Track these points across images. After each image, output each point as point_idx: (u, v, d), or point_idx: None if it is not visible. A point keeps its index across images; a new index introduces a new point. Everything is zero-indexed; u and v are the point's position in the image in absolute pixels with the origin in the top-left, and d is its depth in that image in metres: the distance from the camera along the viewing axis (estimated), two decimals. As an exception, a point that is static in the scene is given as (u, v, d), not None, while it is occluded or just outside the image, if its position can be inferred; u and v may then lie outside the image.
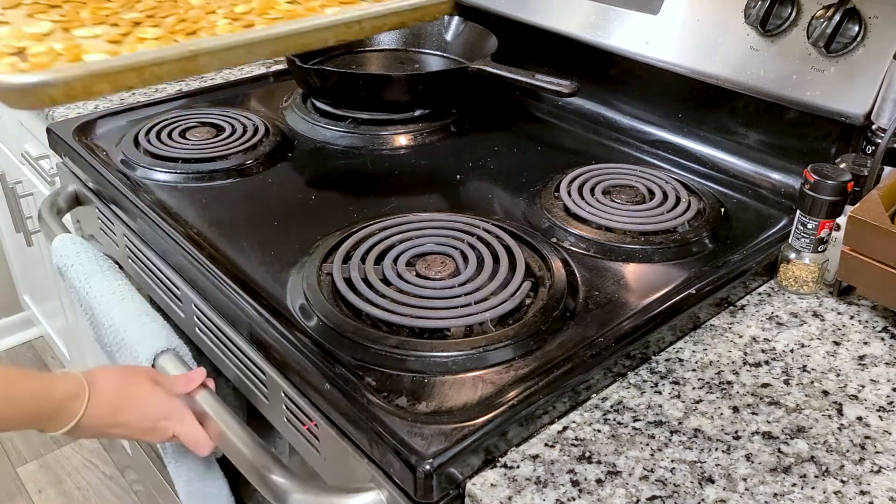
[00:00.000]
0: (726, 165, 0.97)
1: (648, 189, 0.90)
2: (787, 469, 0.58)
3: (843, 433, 0.61)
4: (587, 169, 0.93)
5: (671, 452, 0.59)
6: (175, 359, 0.79)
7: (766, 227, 0.85)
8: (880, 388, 0.66)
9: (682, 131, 1.02)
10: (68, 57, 0.45)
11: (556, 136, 1.08)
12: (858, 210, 0.71)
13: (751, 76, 0.91)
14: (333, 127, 1.06)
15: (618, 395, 0.65)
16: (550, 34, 1.11)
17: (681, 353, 0.70)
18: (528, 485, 0.56)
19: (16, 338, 2.15)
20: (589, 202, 0.86)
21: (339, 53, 1.25)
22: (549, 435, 0.61)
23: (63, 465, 1.81)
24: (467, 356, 0.64)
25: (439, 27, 1.25)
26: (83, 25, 0.51)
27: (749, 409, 0.64)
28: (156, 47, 0.47)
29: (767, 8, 0.87)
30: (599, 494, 0.56)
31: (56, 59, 0.45)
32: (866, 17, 0.82)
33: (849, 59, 0.83)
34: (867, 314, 0.75)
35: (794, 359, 0.69)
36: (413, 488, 0.56)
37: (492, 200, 0.90)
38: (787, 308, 0.76)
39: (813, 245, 0.76)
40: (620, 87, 1.08)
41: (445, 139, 1.05)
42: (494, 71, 1.06)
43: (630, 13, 1.02)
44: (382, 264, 0.75)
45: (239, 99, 1.18)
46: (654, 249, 0.79)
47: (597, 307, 0.71)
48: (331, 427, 0.63)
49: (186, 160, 0.96)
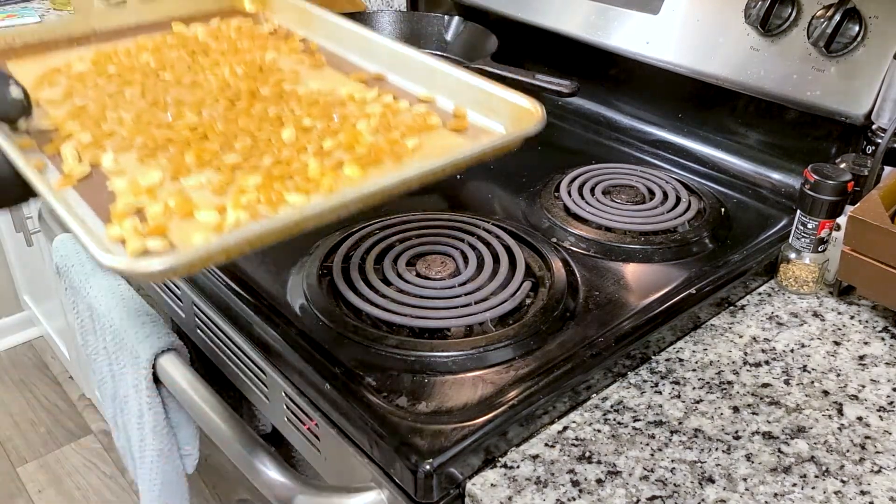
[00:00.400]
0: (726, 165, 0.97)
1: (648, 189, 0.90)
2: (787, 469, 0.58)
3: (844, 433, 0.61)
4: (587, 169, 0.93)
5: (671, 452, 0.59)
6: (175, 359, 0.79)
7: (766, 227, 0.85)
8: (880, 388, 0.66)
9: (682, 131, 1.02)
10: (181, 214, 0.48)
11: (556, 136, 1.08)
12: (858, 210, 0.71)
13: (751, 76, 0.91)
14: (333, 127, 1.06)
15: (618, 395, 0.65)
16: (550, 34, 1.11)
17: (681, 353, 0.70)
18: (528, 485, 0.56)
19: (16, 338, 2.15)
20: (589, 202, 0.86)
21: (339, 53, 1.25)
22: (549, 435, 0.61)
23: (63, 465, 1.81)
24: (467, 356, 0.64)
25: (439, 27, 1.25)
26: (189, 172, 0.53)
27: (749, 409, 0.64)
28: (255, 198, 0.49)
29: (767, 8, 0.87)
30: (599, 494, 0.56)
31: (171, 217, 0.48)
32: (866, 17, 0.82)
33: (849, 59, 0.83)
34: (867, 314, 0.75)
35: (794, 359, 0.69)
36: (413, 488, 0.56)
37: (492, 200, 0.90)
38: (788, 308, 0.76)
39: (813, 245, 0.76)
40: (620, 87, 1.08)
41: (445, 139, 1.05)
42: (494, 71, 1.06)
43: (630, 13, 1.02)
44: (382, 264, 0.75)
45: (239, 99, 1.18)
46: (654, 249, 0.79)
47: (597, 307, 0.71)
48: (331, 427, 0.63)
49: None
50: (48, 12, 1.68)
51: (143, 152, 0.54)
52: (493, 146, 0.56)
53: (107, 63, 0.68)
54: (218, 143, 0.55)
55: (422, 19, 1.26)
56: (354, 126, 0.58)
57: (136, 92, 0.63)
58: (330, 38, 0.73)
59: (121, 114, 0.59)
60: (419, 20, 1.26)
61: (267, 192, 0.49)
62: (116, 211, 0.48)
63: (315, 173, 0.52)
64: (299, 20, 0.76)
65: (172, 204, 0.48)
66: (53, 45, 0.71)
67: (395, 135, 0.58)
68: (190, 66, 0.67)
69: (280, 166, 0.52)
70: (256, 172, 0.52)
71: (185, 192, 0.50)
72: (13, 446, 1.86)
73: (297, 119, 0.59)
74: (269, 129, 0.57)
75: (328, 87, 0.64)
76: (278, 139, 0.55)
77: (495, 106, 0.61)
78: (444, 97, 0.65)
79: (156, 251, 0.45)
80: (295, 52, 0.71)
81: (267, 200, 0.49)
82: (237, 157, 0.53)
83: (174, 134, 0.56)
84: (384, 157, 0.55)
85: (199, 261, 0.42)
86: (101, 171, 0.53)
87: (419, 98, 0.65)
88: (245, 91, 0.62)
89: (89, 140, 0.56)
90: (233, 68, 0.65)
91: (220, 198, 0.50)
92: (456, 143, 0.58)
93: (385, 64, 0.69)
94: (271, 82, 0.64)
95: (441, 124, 0.61)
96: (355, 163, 0.53)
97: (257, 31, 0.74)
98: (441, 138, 0.59)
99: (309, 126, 0.58)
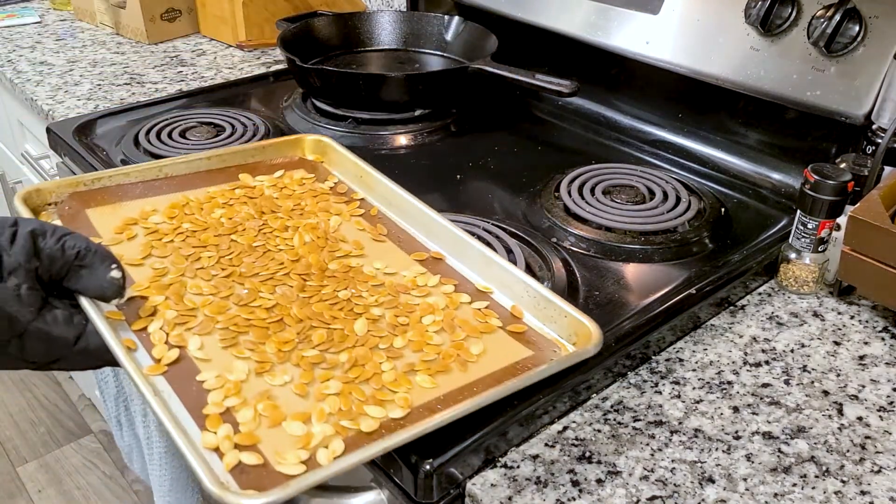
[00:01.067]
0: (726, 165, 0.97)
1: (648, 189, 0.90)
2: (787, 469, 0.58)
3: (844, 433, 0.61)
4: (587, 169, 0.93)
5: (671, 452, 0.59)
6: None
7: (766, 227, 0.85)
8: (880, 388, 0.66)
9: (682, 131, 1.02)
10: (270, 422, 0.53)
11: (556, 136, 1.08)
12: (859, 210, 0.71)
13: (751, 76, 0.91)
14: (333, 127, 1.06)
15: (618, 394, 0.65)
16: (550, 34, 1.11)
17: (681, 353, 0.70)
18: (528, 485, 0.56)
19: (16, 338, 2.15)
20: (589, 202, 0.86)
21: (339, 53, 1.25)
22: (549, 435, 0.61)
23: (63, 465, 1.81)
24: (467, 356, 0.64)
25: (439, 27, 1.25)
26: (272, 367, 0.58)
27: (749, 409, 0.64)
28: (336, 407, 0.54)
29: (768, 8, 0.87)
30: (599, 494, 0.56)
31: (259, 425, 0.53)
32: (866, 17, 0.82)
33: (849, 59, 0.83)
34: (867, 314, 0.75)
35: (794, 359, 0.69)
36: (413, 488, 0.56)
37: (492, 200, 0.90)
38: (788, 308, 0.76)
39: (813, 245, 0.76)
40: (620, 87, 1.08)
41: (445, 139, 1.05)
42: (494, 71, 1.06)
43: (630, 13, 1.02)
44: (383, 265, 0.75)
45: (239, 99, 1.18)
46: (654, 249, 0.79)
47: (597, 307, 0.71)
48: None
49: (186, 160, 0.96)
50: (48, 12, 1.68)
51: (225, 337, 0.59)
52: (559, 367, 0.59)
53: (181, 218, 0.72)
54: (295, 329, 0.61)
55: (422, 19, 1.26)
56: (420, 321, 0.63)
57: (212, 256, 0.67)
58: (387, 204, 0.79)
59: (200, 285, 0.64)
60: (419, 20, 1.26)
61: (347, 402, 0.54)
62: (210, 416, 0.53)
63: (390, 381, 0.57)
64: (354, 174, 0.82)
65: (262, 409, 0.54)
66: (126, 191, 0.77)
67: (459, 335, 0.62)
68: (260, 228, 0.72)
69: (356, 369, 0.57)
70: (333, 370, 0.58)
71: (272, 394, 0.55)
72: (13, 446, 1.86)
73: (366, 307, 0.64)
74: (342, 316, 0.63)
75: (390, 265, 0.70)
76: (351, 330, 0.61)
77: (552, 313, 0.64)
78: (500, 291, 0.68)
79: (250, 467, 0.50)
80: (355, 215, 0.77)
81: (348, 412, 0.54)
82: (315, 352, 0.59)
83: (252, 316, 0.61)
84: (451, 362, 0.59)
85: (295, 492, 0.48)
86: (187, 354, 0.58)
87: (478, 288, 0.69)
88: (315, 267, 0.67)
89: (174, 316, 0.60)
90: (302, 237, 0.71)
91: (302, 399, 0.55)
92: (517, 351, 0.62)
93: (444, 244, 0.73)
94: (338, 255, 0.70)
95: (500, 324, 0.64)
96: (425, 371, 0.58)
97: (319, 187, 0.81)
98: (502, 344, 0.63)
99: (378, 316, 0.63)
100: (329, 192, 0.80)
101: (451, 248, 0.72)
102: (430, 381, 0.57)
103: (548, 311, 0.64)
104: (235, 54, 1.41)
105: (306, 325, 0.61)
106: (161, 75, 1.31)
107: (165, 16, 1.47)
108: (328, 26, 1.25)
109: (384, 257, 0.72)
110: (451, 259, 0.72)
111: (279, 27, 1.21)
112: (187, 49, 1.44)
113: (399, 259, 0.72)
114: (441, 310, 0.65)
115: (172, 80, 1.29)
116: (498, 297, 0.68)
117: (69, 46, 1.46)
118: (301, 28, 1.21)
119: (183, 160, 0.80)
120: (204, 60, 1.38)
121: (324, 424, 0.52)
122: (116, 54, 1.41)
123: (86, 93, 1.23)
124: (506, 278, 0.68)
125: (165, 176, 0.79)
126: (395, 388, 0.56)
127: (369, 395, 0.55)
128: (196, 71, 1.33)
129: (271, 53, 1.42)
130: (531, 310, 0.65)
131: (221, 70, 1.33)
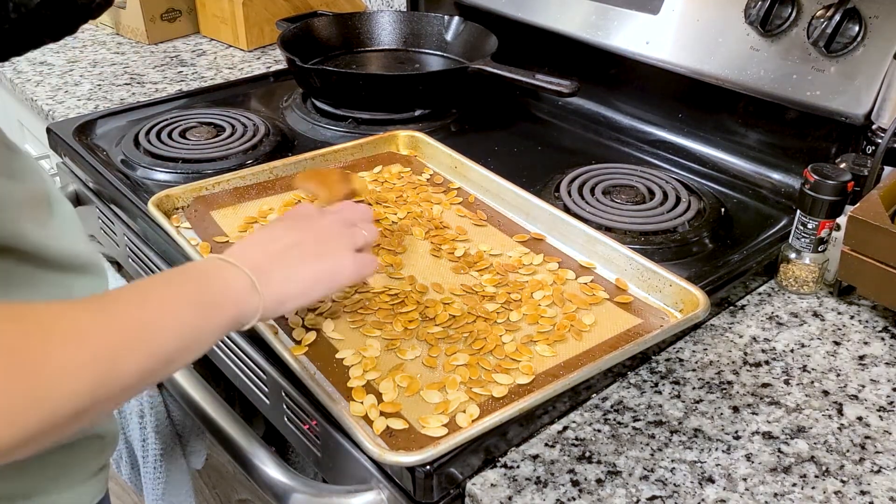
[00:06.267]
0: (726, 165, 0.97)
1: (648, 189, 0.90)
2: (787, 469, 0.58)
3: (844, 433, 0.61)
4: (587, 169, 0.93)
5: (671, 452, 0.59)
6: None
7: (766, 227, 0.85)
8: (880, 387, 0.66)
9: (682, 131, 1.02)
10: (408, 392, 0.58)
11: (556, 136, 1.08)
12: (858, 210, 0.71)
13: (751, 76, 0.91)
14: (334, 127, 1.06)
15: (618, 395, 0.65)
16: (550, 34, 1.11)
17: (681, 353, 0.70)
18: (528, 485, 0.56)
19: (16, 338, 2.15)
20: (589, 202, 0.86)
21: (339, 53, 1.25)
22: (549, 435, 0.61)
23: (63, 464, 1.81)
24: (467, 356, 0.64)
25: (439, 27, 1.25)
26: (401, 343, 0.62)
27: (749, 409, 0.64)
28: (465, 377, 0.59)
29: (767, 8, 0.87)
30: (599, 494, 0.56)
31: (399, 395, 0.57)
32: (866, 17, 0.82)
33: (849, 59, 0.83)
34: (867, 314, 0.75)
35: (794, 359, 0.69)
36: (413, 488, 0.56)
37: (492, 200, 0.90)
38: (788, 308, 0.76)
39: (813, 245, 0.76)
40: (620, 87, 1.08)
41: (445, 139, 1.04)
42: (494, 71, 1.06)
43: (630, 13, 1.02)
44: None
45: (239, 99, 1.18)
46: (654, 249, 0.79)
47: (597, 307, 0.71)
48: (331, 427, 0.63)
49: (187, 160, 0.96)
50: (48, 12, 1.68)
51: (354, 319, 0.65)
52: (673, 332, 0.64)
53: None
54: (416, 310, 0.65)
55: (422, 19, 1.26)
56: (531, 296, 0.68)
57: None
58: (483, 191, 0.84)
59: None
60: (419, 20, 1.26)
61: (475, 372, 0.59)
62: (356, 388, 0.58)
63: (512, 351, 0.61)
64: (449, 165, 0.88)
65: (399, 380, 0.58)
66: (243, 193, 0.85)
67: (570, 308, 0.67)
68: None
69: (479, 342, 0.62)
70: (457, 344, 0.62)
71: (404, 367, 0.60)
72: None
73: (480, 285, 0.69)
74: (460, 293, 0.68)
75: (495, 247, 0.75)
76: (471, 307, 0.66)
77: (657, 283, 0.69)
78: (602, 266, 0.73)
79: (398, 431, 0.55)
80: (455, 203, 0.82)
81: (477, 380, 0.58)
82: (439, 328, 0.63)
83: (378, 299, 0.66)
84: (566, 332, 0.64)
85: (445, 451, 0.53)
86: (323, 336, 0.64)
87: (580, 264, 0.74)
88: (429, 251, 0.73)
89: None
90: (419, 229, 0.77)
91: (432, 371, 0.60)
92: (627, 319, 0.67)
93: (544, 225, 0.79)
94: (447, 238, 0.76)
95: (607, 296, 0.69)
96: (544, 341, 0.63)
97: (416, 179, 0.87)
98: (611, 314, 0.67)
99: (492, 294, 0.68)
100: (426, 183, 0.86)
101: (551, 229, 0.77)
102: (550, 349, 0.61)
103: (652, 282, 0.69)
104: (235, 54, 1.41)
105: (426, 304, 0.66)
106: (161, 75, 1.31)
107: (165, 16, 1.47)
108: (328, 26, 1.25)
109: (488, 240, 0.76)
110: (550, 239, 0.77)
111: (279, 27, 1.22)
112: (187, 49, 1.44)
113: (502, 241, 0.77)
114: (549, 286, 0.69)
115: (172, 80, 1.29)
116: (601, 271, 0.72)
117: (69, 46, 1.46)
118: (301, 28, 1.21)
119: (291, 161, 0.88)
120: (204, 60, 1.38)
121: (457, 392, 0.57)
122: (116, 54, 1.41)
123: (86, 93, 1.23)
124: (609, 253, 0.72)
125: (276, 177, 0.87)
126: (518, 358, 0.60)
127: (494, 364, 0.60)
128: (196, 71, 1.33)
129: (271, 53, 1.42)
130: (635, 281, 0.70)
131: (221, 70, 1.34)
